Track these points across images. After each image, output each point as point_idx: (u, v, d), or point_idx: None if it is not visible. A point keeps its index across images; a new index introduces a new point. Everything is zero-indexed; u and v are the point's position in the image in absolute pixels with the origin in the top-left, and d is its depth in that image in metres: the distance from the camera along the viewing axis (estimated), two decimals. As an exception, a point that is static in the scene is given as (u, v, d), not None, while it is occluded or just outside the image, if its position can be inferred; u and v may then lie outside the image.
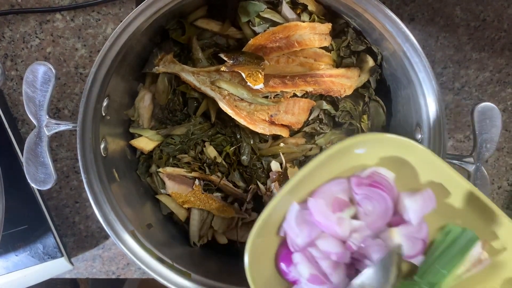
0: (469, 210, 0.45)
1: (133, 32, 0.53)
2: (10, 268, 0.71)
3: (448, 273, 0.44)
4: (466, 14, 0.71)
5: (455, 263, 0.44)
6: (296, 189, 0.45)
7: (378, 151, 0.45)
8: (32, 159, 0.54)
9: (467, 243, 0.44)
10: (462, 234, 0.45)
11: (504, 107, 0.74)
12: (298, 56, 0.60)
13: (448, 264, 0.44)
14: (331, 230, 0.46)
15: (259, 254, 0.46)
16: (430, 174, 0.45)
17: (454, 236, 0.45)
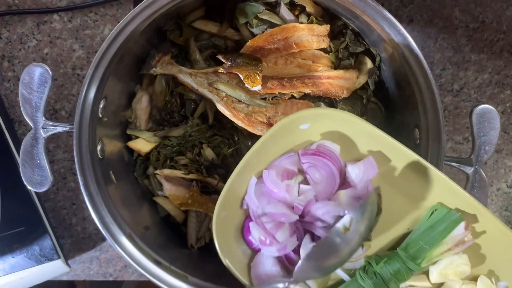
0: (412, 174, 0.49)
1: (131, 33, 0.53)
2: (6, 270, 0.70)
3: (429, 249, 0.47)
4: (465, 15, 0.71)
5: (438, 240, 0.47)
6: (253, 165, 0.51)
7: (320, 126, 0.50)
8: (29, 161, 0.53)
9: (451, 223, 0.47)
10: (447, 214, 0.47)
11: (503, 109, 0.73)
12: (296, 58, 0.60)
13: (430, 240, 0.47)
14: (280, 196, 0.51)
15: (226, 227, 0.52)
16: (370, 144, 0.50)
17: (439, 216, 0.48)
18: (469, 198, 0.47)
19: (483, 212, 0.47)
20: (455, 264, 0.48)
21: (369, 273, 0.48)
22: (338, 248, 0.46)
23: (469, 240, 0.47)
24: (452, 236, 0.47)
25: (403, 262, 0.48)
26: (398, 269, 0.48)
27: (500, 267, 0.49)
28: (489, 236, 0.48)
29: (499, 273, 0.49)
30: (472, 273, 0.49)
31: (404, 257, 0.48)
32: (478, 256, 0.49)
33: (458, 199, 0.48)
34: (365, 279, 0.48)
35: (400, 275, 0.48)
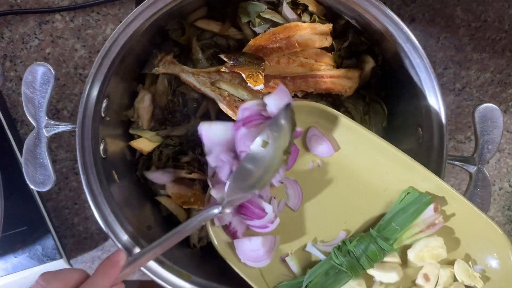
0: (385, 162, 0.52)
1: (133, 33, 0.53)
2: (9, 269, 0.70)
3: (400, 230, 0.50)
4: (467, 14, 0.70)
5: (409, 222, 0.50)
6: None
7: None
8: (31, 160, 0.53)
9: (421, 205, 0.50)
10: (418, 197, 0.50)
11: (505, 108, 0.73)
12: (299, 57, 0.60)
13: (402, 222, 0.50)
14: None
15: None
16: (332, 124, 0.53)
17: (411, 199, 0.50)
18: (440, 182, 0.49)
19: (454, 196, 0.49)
20: (431, 246, 0.49)
21: (343, 252, 0.51)
22: (260, 162, 0.48)
23: (439, 222, 0.49)
24: (423, 219, 0.50)
25: (375, 242, 0.50)
26: (370, 248, 0.50)
27: (476, 251, 0.50)
28: (462, 219, 0.50)
29: (475, 256, 0.50)
30: (449, 258, 0.50)
31: (376, 237, 0.50)
32: (453, 240, 0.51)
33: (430, 183, 0.50)
34: (339, 257, 0.50)
35: (373, 254, 0.50)
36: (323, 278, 0.51)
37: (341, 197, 0.54)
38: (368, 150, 0.52)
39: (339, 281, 0.51)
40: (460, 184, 0.76)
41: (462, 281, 0.49)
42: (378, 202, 0.53)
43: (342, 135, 0.53)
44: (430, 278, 0.50)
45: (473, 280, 0.48)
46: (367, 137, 0.51)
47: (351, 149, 0.53)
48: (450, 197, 0.49)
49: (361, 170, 0.53)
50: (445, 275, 0.50)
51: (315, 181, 0.55)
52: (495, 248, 0.48)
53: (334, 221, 0.54)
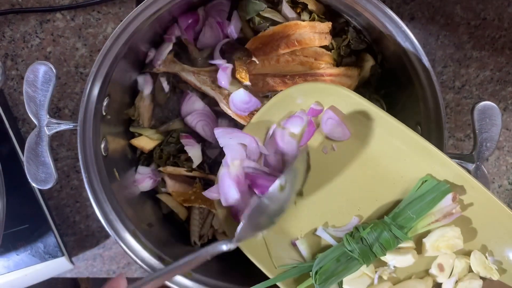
0: (403, 146, 0.50)
1: (134, 32, 0.53)
2: (11, 267, 0.71)
3: (416, 218, 0.48)
4: (466, 13, 0.71)
5: (425, 210, 0.48)
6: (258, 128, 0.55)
7: (310, 100, 0.53)
8: (33, 159, 0.54)
9: (440, 194, 0.48)
10: (436, 185, 0.48)
11: (504, 106, 0.73)
12: (298, 55, 0.60)
13: (418, 210, 0.48)
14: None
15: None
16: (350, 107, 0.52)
17: (429, 187, 0.49)
18: (460, 170, 0.48)
19: (474, 186, 0.47)
20: (447, 237, 0.48)
21: (356, 238, 0.50)
22: (274, 204, 0.47)
23: (457, 212, 0.48)
24: (440, 208, 0.48)
25: (389, 230, 0.49)
26: (384, 236, 0.49)
27: (493, 242, 0.49)
28: (481, 210, 0.48)
29: (492, 248, 0.49)
30: (465, 248, 0.49)
31: (391, 225, 0.49)
32: (470, 230, 0.49)
33: (449, 171, 0.48)
34: (351, 243, 0.49)
35: (386, 242, 0.48)
36: (334, 264, 0.50)
37: (355, 183, 0.53)
38: (385, 134, 0.50)
39: (350, 268, 0.50)
40: (459, 182, 0.76)
41: (477, 272, 0.48)
42: (394, 189, 0.51)
43: (359, 119, 0.52)
44: (444, 268, 0.49)
45: (489, 272, 0.47)
46: (385, 120, 0.50)
47: (368, 133, 0.52)
48: (469, 186, 0.48)
49: (378, 156, 0.52)
50: (460, 266, 0.48)
51: (329, 165, 0.53)
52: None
53: (347, 206, 0.53)
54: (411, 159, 0.50)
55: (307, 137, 0.54)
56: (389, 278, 0.51)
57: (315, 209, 0.54)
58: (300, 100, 0.53)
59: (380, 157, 0.52)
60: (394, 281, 0.51)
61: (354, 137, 0.53)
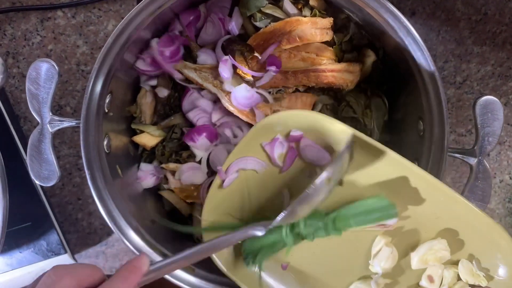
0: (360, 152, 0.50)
1: (135, 29, 0.53)
2: (14, 265, 0.71)
3: (355, 226, 0.51)
4: (467, 8, 0.71)
5: (366, 224, 0.50)
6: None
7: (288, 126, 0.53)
8: (36, 156, 0.54)
9: (386, 215, 0.50)
10: (386, 207, 0.49)
11: (506, 101, 0.74)
12: (300, 51, 0.60)
13: (360, 222, 0.50)
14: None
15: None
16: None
17: (378, 205, 0.50)
18: (441, 185, 0.48)
19: (458, 200, 0.48)
20: (435, 249, 0.49)
21: (294, 231, 0.50)
22: (319, 195, 0.47)
23: (390, 228, 0.51)
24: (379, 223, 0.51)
25: (326, 229, 0.50)
26: (319, 232, 0.50)
27: (480, 251, 0.50)
28: (466, 222, 0.49)
29: (479, 256, 0.50)
30: (453, 258, 0.50)
31: (329, 225, 0.50)
32: (457, 241, 0.50)
33: (430, 185, 0.49)
34: (288, 236, 0.50)
35: (319, 233, 0.50)
36: (262, 244, 0.52)
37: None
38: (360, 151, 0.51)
39: (276, 250, 0.52)
40: (461, 177, 0.76)
41: (466, 280, 0.49)
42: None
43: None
44: (434, 280, 0.50)
45: (477, 279, 0.48)
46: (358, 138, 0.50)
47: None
48: (453, 201, 0.48)
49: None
50: (449, 276, 0.50)
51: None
52: (498, 248, 0.48)
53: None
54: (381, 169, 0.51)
55: (289, 162, 0.54)
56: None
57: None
58: (279, 128, 0.53)
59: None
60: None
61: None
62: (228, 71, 0.59)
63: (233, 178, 0.55)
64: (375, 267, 0.51)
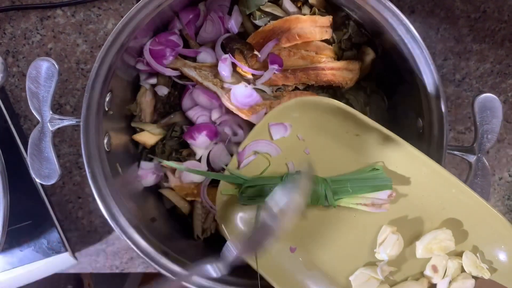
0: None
1: (134, 28, 0.53)
2: (15, 263, 0.71)
3: (350, 193, 0.53)
4: (466, 5, 0.71)
5: (361, 191, 0.53)
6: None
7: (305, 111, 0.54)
8: (37, 155, 0.54)
9: (381, 185, 0.52)
10: (383, 178, 0.52)
11: (504, 98, 0.74)
12: (299, 50, 0.60)
13: (356, 188, 0.53)
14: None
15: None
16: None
17: (376, 175, 0.53)
18: (448, 174, 0.49)
19: (463, 190, 0.49)
20: (439, 239, 0.50)
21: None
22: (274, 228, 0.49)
23: (384, 208, 0.53)
24: (374, 196, 0.53)
25: (324, 188, 0.53)
26: (317, 190, 0.53)
27: (484, 243, 0.50)
28: (470, 212, 0.50)
29: (483, 248, 0.50)
30: (457, 249, 0.51)
31: (327, 185, 0.53)
32: (461, 232, 0.51)
33: (435, 173, 0.50)
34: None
35: (314, 195, 0.53)
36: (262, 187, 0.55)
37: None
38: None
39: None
40: (460, 175, 0.76)
41: (470, 272, 0.50)
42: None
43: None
44: (438, 270, 0.51)
45: (481, 271, 0.49)
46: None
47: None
48: (459, 191, 0.49)
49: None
50: (453, 267, 0.50)
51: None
52: (503, 240, 0.49)
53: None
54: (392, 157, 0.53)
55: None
56: (387, 280, 0.53)
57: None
58: (295, 114, 0.54)
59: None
60: (391, 283, 0.53)
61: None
62: (228, 70, 0.59)
63: (250, 160, 0.56)
64: (381, 254, 0.52)
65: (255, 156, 0.56)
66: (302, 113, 0.54)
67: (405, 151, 0.50)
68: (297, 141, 0.56)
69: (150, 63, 0.60)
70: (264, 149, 0.56)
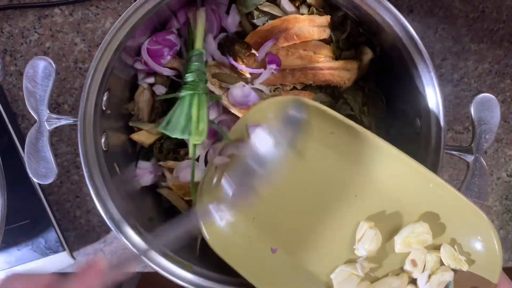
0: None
1: (132, 27, 0.53)
2: (12, 262, 0.71)
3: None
4: (465, 5, 0.71)
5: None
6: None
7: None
8: (34, 154, 0.54)
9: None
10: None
11: (503, 98, 0.74)
12: (298, 49, 0.60)
13: None
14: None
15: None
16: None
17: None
18: (424, 169, 0.50)
19: (438, 183, 0.49)
20: (417, 232, 0.50)
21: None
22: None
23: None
24: None
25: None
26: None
27: (461, 235, 0.51)
28: (447, 205, 0.50)
29: (460, 240, 0.51)
30: (436, 243, 0.51)
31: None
32: (438, 225, 0.51)
33: (411, 168, 0.50)
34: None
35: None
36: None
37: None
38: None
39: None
40: (458, 174, 0.76)
41: (448, 264, 0.50)
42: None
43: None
44: (417, 264, 0.51)
45: (459, 263, 0.49)
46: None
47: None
48: (435, 184, 0.50)
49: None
50: (432, 260, 0.51)
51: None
52: (479, 231, 0.49)
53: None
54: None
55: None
56: (368, 277, 0.53)
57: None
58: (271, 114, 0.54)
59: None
60: (372, 279, 0.53)
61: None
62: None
63: (225, 161, 0.56)
64: (360, 250, 0.52)
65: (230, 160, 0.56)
66: (277, 114, 0.54)
67: (378, 147, 0.51)
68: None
69: (147, 63, 0.60)
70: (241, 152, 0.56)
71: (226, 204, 0.56)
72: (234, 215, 0.57)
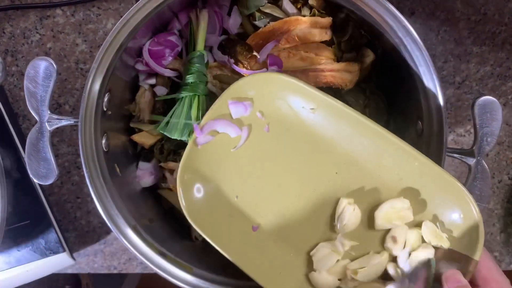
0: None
1: (134, 28, 0.53)
2: (12, 263, 0.71)
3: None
4: (466, 8, 0.71)
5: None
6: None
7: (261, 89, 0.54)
8: (34, 154, 0.54)
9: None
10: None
11: (505, 101, 0.74)
12: (299, 51, 0.60)
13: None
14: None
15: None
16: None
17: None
18: (409, 148, 0.49)
19: (417, 157, 0.49)
20: (397, 208, 0.50)
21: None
22: None
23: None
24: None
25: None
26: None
27: (442, 212, 0.50)
28: (427, 181, 0.50)
29: (442, 217, 0.50)
30: (417, 220, 0.51)
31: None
32: (419, 202, 0.51)
33: (394, 146, 0.50)
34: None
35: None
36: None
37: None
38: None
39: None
40: (460, 177, 0.76)
41: (429, 241, 0.50)
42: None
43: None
44: (398, 240, 0.50)
45: (440, 241, 0.49)
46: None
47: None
48: (413, 159, 0.49)
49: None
50: (413, 237, 0.50)
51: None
52: (460, 206, 0.48)
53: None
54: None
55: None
56: (348, 255, 0.53)
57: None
58: (251, 92, 0.54)
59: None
60: (352, 258, 0.53)
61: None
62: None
63: (207, 139, 0.56)
64: (339, 226, 0.52)
65: (213, 138, 0.56)
66: (260, 90, 0.53)
67: (360, 123, 0.51)
68: (257, 119, 0.55)
69: (149, 64, 0.60)
70: (223, 129, 0.55)
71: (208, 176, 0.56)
72: (216, 191, 0.56)
